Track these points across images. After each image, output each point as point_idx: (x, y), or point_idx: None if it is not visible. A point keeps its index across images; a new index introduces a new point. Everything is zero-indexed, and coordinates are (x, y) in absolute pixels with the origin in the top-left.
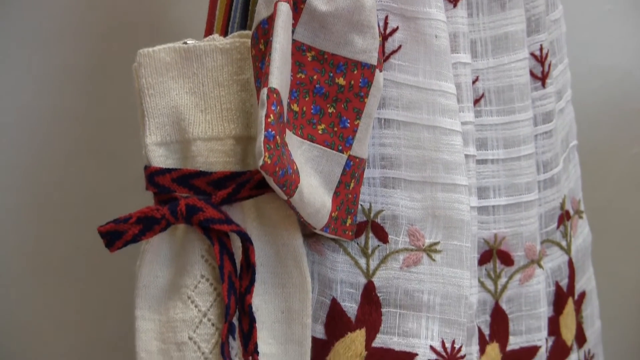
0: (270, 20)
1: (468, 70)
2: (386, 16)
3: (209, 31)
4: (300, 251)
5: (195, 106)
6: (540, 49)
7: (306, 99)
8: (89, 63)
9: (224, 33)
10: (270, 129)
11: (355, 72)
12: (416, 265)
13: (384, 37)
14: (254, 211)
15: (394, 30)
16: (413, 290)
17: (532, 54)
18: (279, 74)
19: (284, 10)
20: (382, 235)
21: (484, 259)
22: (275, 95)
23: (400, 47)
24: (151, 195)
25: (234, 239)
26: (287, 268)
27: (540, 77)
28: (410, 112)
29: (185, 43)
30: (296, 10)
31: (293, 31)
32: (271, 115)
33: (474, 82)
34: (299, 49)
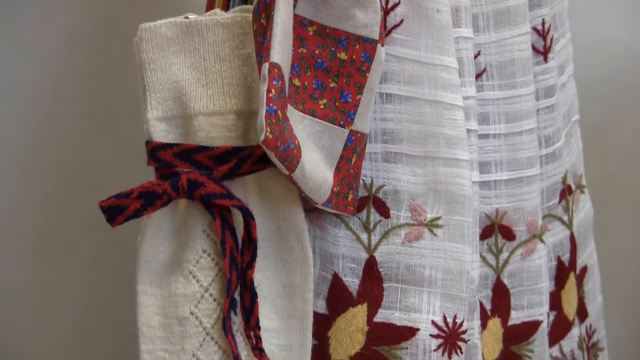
0: None
1: (470, 45)
2: None
3: (210, 6)
4: (301, 226)
5: (196, 81)
6: (542, 23)
7: (308, 73)
8: (90, 37)
9: (226, 8)
10: (271, 104)
11: (357, 47)
12: (418, 240)
13: (386, 12)
14: (255, 186)
15: (396, 4)
16: (415, 265)
17: (534, 29)
18: (281, 49)
19: None
20: (384, 210)
21: (486, 233)
22: (276, 70)
23: (402, 22)
24: (153, 170)
25: (235, 213)
26: (289, 243)
27: (542, 52)
28: (412, 87)
29: (187, 17)
30: None
31: (294, 5)
32: (273, 90)
33: (475, 57)
34: (300, 24)
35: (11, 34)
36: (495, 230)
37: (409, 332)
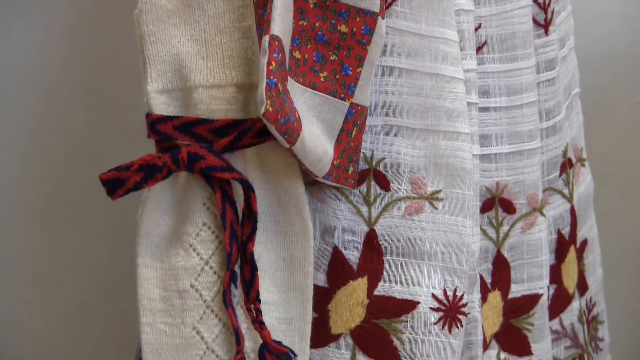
0: None
1: (470, 18)
2: None
3: None
4: (302, 199)
5: (196, 53)
6: None
7: (308, 46)
8: (90, 9)
9: None
10: (272, 77)
11: (358, 19)
12: (418, 214)
13: None
14: (255, 159)
15: None
16: (415, 239)
17: (535, 1)
18: (281, 21)
19: None
20: (384, 183)
21: (486, 206)
22: (277, 42)
23: None
24: (153, 142)
25: (235, 186)
26: (289, 216)
27: (543, 25)
28: (413, 60)
29: None
30: None
31: None
32: (273, 62)
33: (476, 30)
34: None
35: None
36: (495, 203)
37: (409, 306)
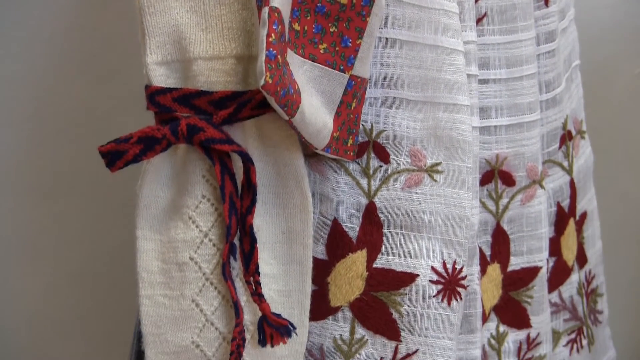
0: None
1: None
2: None
3: None
4: (301, 171)
5: (196, 25)
6: None
7: (308, 18)
8: None
9: None
10: (271, 49)
11: None
12: (417, 186)
13: None
14: (255, 131)
15: None
16: (414, 211)
17: None
18: None
19: None
20: (384, 156)
21: (486, 179)
22: (276, 14)
23: None
24: (152, 115)
25: (235, 159)
26: (289, 188)
27: None
28: (413, 32)
29: None
30: None
31: None
32: (272, 34)
33: (476, 1)
34: None
35: None
36: (495, 175)
37: (409, 278)
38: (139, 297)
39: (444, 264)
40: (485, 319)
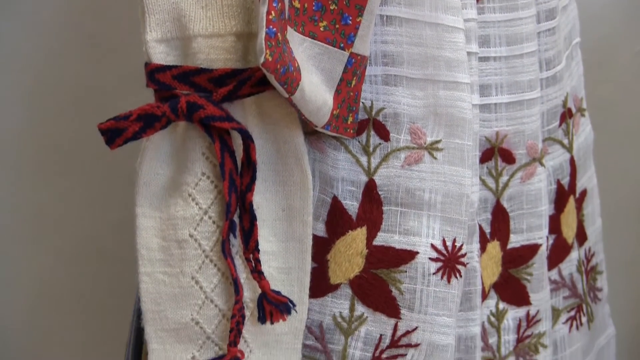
0: None
1: None
2: None
3: None
4: (301, 149)
5: (195, 2)
6: None
7: None
8: None
9: None
10: (271, 26)
11: None
12: (417, 164)
13: None
14: (255, 109)
15: None
16: (414, 189)
17: None
18: None
19: None
20: (384, 133)
21: (486, 157)
22: None
23: None
24: (152, 92)
25: (234, 136)
26: (288, 166)
27: None
28: (413, 9)
29: None
30: None
31: None
32: (272, 12)
33: None
34: None
35: None
36: (495, 153)
37: (408, 256)
38: (139, 275)
39: (444, 242)
40: (484, 297)
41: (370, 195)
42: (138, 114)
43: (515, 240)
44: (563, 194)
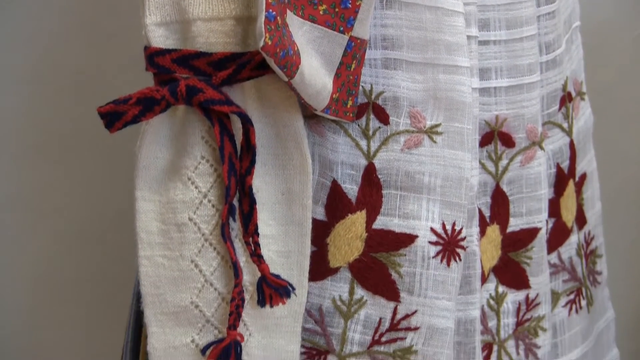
0: None
1: None
2: None
3: None
4: (300, 132)
5: None
6: None
7: None
8: None
9: None
10: (270, 10)
11: None
12: (417, 147)
13: None
14: (254, 92)
15: None
16: (414, 172)
17: None
18: None
19: None
20: (383, 117)
21: (485, 140)
22: None
23: None
24: (151, 76)
25: (234, 120)
26: (288, 149)
27: None
28: None
29: None
30: None
31: None
32: None
33: None
34: None
35: None
36: (494, 137)
37: (408, 239)
38: (138, 258)
39: (443, 225)
40: (484, 280)
41: (370, 179)
42: (137, 98)
43: (515, 224)
44: (562, 178)
